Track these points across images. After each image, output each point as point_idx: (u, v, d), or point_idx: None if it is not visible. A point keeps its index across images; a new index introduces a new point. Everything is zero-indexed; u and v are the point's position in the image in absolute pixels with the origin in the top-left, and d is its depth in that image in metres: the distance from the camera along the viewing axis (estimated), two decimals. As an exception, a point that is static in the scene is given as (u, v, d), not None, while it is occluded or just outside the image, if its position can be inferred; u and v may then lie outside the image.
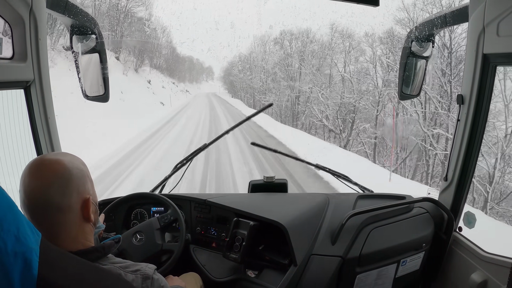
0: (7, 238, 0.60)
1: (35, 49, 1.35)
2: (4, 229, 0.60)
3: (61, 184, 0.84)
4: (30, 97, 1.39)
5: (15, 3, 1.23)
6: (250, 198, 2.00)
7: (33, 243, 0.64)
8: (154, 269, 0.98)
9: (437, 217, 1.79)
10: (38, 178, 0.83)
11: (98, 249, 0.91)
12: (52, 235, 0.84)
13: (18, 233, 0.62)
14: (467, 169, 1.67)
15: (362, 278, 1.64)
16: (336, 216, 1.73)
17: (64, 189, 0.84)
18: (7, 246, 0.59)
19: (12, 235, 0.60)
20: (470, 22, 1.50)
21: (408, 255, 1.70)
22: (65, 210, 0.85)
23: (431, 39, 1.77)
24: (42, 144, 1.46)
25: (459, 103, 1.62)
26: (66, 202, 0.85)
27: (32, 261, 0.63)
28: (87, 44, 1.59)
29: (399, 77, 1.87)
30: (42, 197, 0.82)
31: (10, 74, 1.29)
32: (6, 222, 0.60)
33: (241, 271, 1.64)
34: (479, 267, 1.56)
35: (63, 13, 1.46)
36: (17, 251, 0.61)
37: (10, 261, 0.59)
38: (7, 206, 0.62)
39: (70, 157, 0.91)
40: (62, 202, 0.84)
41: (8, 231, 0.60)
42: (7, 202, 0.62)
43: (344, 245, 1.61)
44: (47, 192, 0.82)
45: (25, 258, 0.62)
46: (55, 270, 0.69)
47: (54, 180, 0.84)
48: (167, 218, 1.68)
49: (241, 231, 1.65)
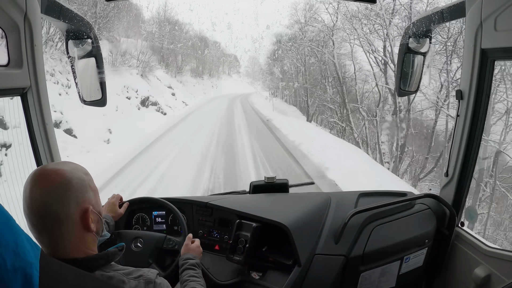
0: (6, 254, 0.59)
1: (31, 55, 1.34)
2: (3, 245, 0.59)
3: (59, 194, 0.85)
4: (27, 103, 1.38)
5: (9, 9, 1.21)
6: (251, 199, 1.98)
7: (32, 257, 0.64)
8: (157, 273, 0.99)
9: (439, 213, 1.79)
10: (38, 188, 0.84)
11: (102, 257, 0.91)
12: (52, 244, 0.85)
13: (17, 248, 0.61)
14: (468, 164, 1.67)
15: (366, 276, 1.64)
16: (338, 215, 1.73)
17: (62, 199, 0.85)
18: (6, 262, 0.58)
19: (10, 251, 0.60)
20: (467, 17, 1.50)
21: (411, 251, 1.70)
22: (64, 220, 0.85)
23: (428, 35, 1.77)
24: (40, 150, 1.45)
25: (458, 99, 1.62)
26: (64, 212, 0.85)
27: (33, 276, 0.62)
28: (83, 49, 1.58)
29: (396, 73, 1.87)
30: (41, 207, 0.83)
31: (6, 81, 1.28)
32: (4, 237, 0.60)
33: (245, 273, 1.64)
34: (482, 261, 1.56)
35: (58, 18, 1.44)
36: (17, 266, 0.60)
37: (10, 277, 0.59)
38: (5, 222, 0.61)
39: (71, 167, 0.91)
40: (60, 212, 0.84)
41: (6, 247, 0.59)
42: (4, 217, 0.61)
43: (347, 244, 1.61)
44: (45, 202, 0.83)
45: (25, 273, 0.61)
46: (56, 283, 0.69)
47: (52, 190, 0.84)
48: (172, 245, 1.63)
49: (244, 233, 1.64)
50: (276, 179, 2.08)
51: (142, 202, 1.83)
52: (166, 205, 1.75)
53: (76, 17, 1.51)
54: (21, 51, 1.30)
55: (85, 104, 1.65)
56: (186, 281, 1.28)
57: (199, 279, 1.30)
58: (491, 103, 9.80)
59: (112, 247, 0.97)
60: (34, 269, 0.63)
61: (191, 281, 1.28)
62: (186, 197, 1.97)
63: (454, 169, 1.70)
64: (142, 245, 1.60)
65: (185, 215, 1.85)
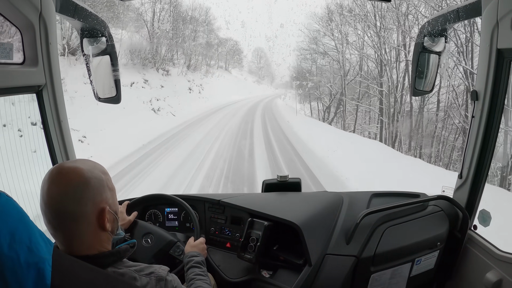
0: (20, 249, 0.60)
1: (46, 53, 1.36)
2: (16, 240, 0.60)
3: (76, 193, 0.84)
4: (42, 101, 1.40)
5: (25, 8, 1.23)
6: (264, 198, 1.98)
7: (46, 253, 0.65)
8: (168, 270, 1.00)
9: (452, 215, 1.77)
10: (55, 186, 0.83)
11: (113, 254, 0.92)
12: (67, 241, 0.86)
13: (30, 244, 0.62)
14: (482, 166, 1.64)
15: (376, 278, 1.63)
16: (350, 215, 1.72)
17: (79, 198, 0.84)
18: (20, 257, 0.60)
19: (24, 246, 0.61)
20: (483, 16, 1.47)
21: (423, 254, 1.68)
22: (79, 219, 0.85)
23: (443, 34, 1.74)
24: (55, 147, 1.47)
25: (473, 99, 1.59)
26: (80, 211, 0.84)
27: (45, 271, 0.63)
28: (97, 47, 1.59)
29: (412, 72, 1.84)
30: (57, 205, 0.83)
31: (22, 79, 1.29)
32: (18, 233, 0.61)
33: (255, 271, 1.64)
34: (494, 266, 1.54)
35: (72, 17, 1.46)
36: (30, 261, 0.61)
37: (23, 271, 0.60)
38: (19, 218, 0.62)
39: (90, 166, 0.90)
40: (76, 211, 0.84)
41: (20, 242, 0.60)
42: (18, 213, 0.62)
43: (358, 245, 1.60)
44: (62, 200, 0.83)
45: (38, 268, 0.62)
46: (68, 278, 0.70)
47: (70, 189, 0.84)
48: (179, 253, 1.60)
49: (255, 231, 1.64)
50: (288, 178, 2.07)
51: (155, 199, 1.84)
52: (179, 202, 1.76)
53: (91, 16, 1.52)
54: (36, 49, 1.32)
55: (100, 101, 1.67)
56: (192, 280, 1.29)
57: (204, 277, 1.31)
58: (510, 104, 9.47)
59: (123, 244, 0.98)
60: (47, 264, 0.64)
61: (197, 279, 1.28)
62: (198, 194, 1.98)
63: (468, 171, 1.67)
64: (151, 242, 1.61)
65: (197, 212, 1.86)
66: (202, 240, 1.54)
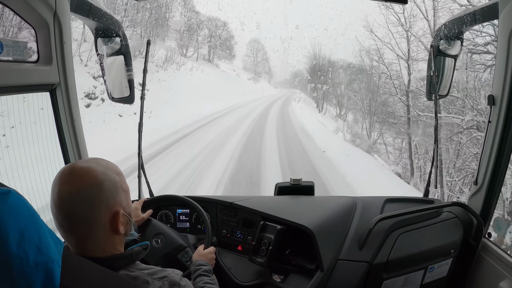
0: (29, 249, 0.58)
1: (60, 52, 1.36)
2: (26, 240, 0.58)
3: (89, 196, 0.81)
4: (56, 99, 1.40)
5: (39, 7, 1.23)
6: (276, 201, 1.96)
7: (55, 253, 0.63)
8: (181, 275, 0.96)
9: (466, 222, 1.73)
10: (67, 188, 0.80)
11: (126, 256, 0.90)
12: (79, 244, 0.83)
13: (40, 244, 0.60)
14: (498, 173, 1.61)
15: (388, 284, 1.60)
16: (364, 220, 1.69)
17: (91, 202, 0.81)
18: (29, 257, 0.58)
19: (34, 246, 0.59)
20: (501, 19, 1.44)
21: (436, 261, 1.65)
22: (92, 223, 0.82)
23: (460, 37, 1.71)
24: (68, 145, 1.47)
25: (490, 104, 1.56)
26: (92, 215, 0.81)
27: (54, 271, 0.61)
28: (112, 47, 1.59)
29: (427, 76, 1.81)
30: (69, 208, 0.79)
31: (36, 77, 1.29)
32: (28, 232, 0.59)
33: (266, 275, 1.62)
34: (508, 275, 1.50)
35: (87, 16, 1.46)
36: (39, 261, 0.59)
37: (32, 272, 0.58)
38: (29, 216, 0.61)
39: (104, 166, 0.87)
40: (88, 216, 0.81)
41: (30, 242, 0.59)
42: (29, 212, 0.61)
43: (371, 250, 1.57)
44: (74, 203, 0.79)
45: (47, 268, 0.60)
46: (77, 280, 0.68)
47: (83, 192, 0.80)
48: (187, 259, 1.57)
49: (267, 235, 1.62)
50: (302, 181, 2.05)
51: (167, 199, 1.83)
52: (191, 203, 1.74)
53: (105, 16, 1.52)
54: (50, 48, 1.32)
55: (113, 101, 1.66)
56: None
57: (214, 286, 1.28)
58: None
59: (136, 245, 0.95)
60: (56, 264, 0.62)
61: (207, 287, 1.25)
62: (211, 196, 1.96)
63: (484, 178, 1.64)
64: (161, 244, 1.59)
65: (209, 214, 1.85)
66: (212, 250, 1.51)
